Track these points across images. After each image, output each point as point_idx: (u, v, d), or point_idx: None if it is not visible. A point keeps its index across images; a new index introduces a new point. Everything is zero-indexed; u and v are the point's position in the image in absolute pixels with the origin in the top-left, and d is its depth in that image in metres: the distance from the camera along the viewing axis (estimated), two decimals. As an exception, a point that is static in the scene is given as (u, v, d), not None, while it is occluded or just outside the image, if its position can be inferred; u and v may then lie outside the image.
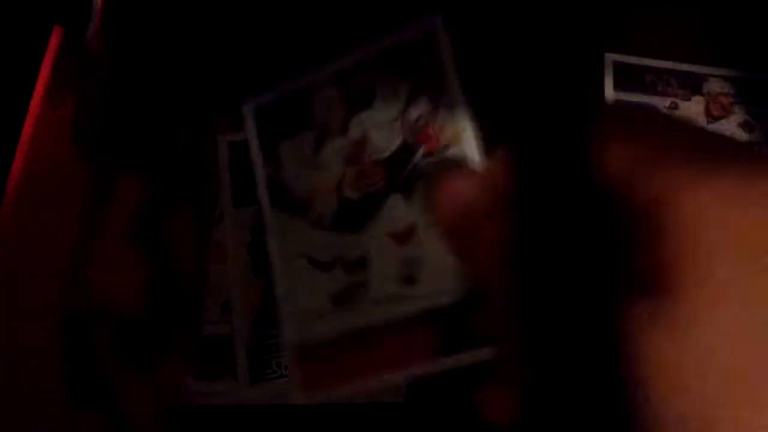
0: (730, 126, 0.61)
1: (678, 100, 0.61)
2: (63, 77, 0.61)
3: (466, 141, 0.50)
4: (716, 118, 0.61)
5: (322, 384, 0.52)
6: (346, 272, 0.52)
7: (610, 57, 0.62)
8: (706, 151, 0.21)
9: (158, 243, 0.57)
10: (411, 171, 0.52)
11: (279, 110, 0.56)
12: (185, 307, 0.56)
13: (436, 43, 0.52)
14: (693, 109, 0.61)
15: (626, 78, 0.62)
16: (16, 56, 0.63)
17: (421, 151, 0.52)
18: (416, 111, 0.52)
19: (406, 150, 0.52)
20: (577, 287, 0.22)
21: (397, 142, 0.52)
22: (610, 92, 0.61)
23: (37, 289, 0.56)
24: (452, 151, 0.51)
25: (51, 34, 0.62)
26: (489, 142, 0.50)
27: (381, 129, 0.53)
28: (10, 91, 0.61)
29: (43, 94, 0.59)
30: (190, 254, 0.57)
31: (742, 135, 0.60)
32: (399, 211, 0.52)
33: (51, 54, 0.60)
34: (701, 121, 0.61)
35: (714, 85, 0.62)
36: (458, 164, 0.51)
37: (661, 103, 0.61)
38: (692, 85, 0.62)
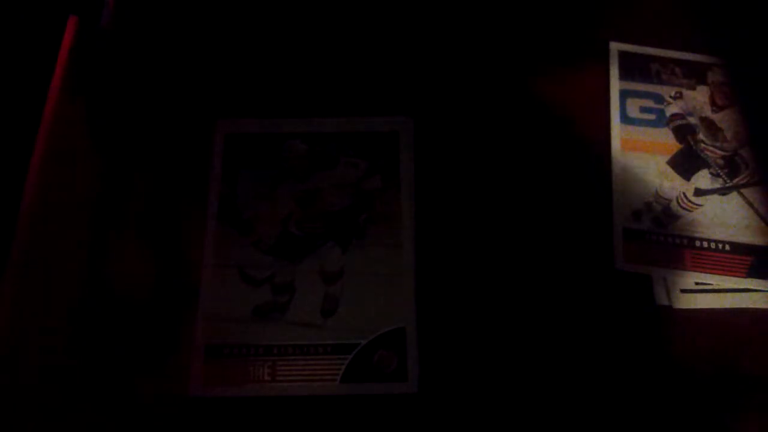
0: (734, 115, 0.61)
1: (683, 89, 0.63)
2: (79, 69, 0.64)
3: (405, 220, 0.62)
4: (721, 108, 0.63)
5: (220, 383, 0.56)
6: (272, 292, 0.59)
7: (616, 46, 0.63)
8: None
9: (168, 237, 0.60)
10: (352, 228, 0.61)
11: (247, 144, 0.64)
12: (191, 299, 0.59)
13: (401, 141, 0.64)
14: (698, 98, 0.63)
15: (632, 67, 0.63)
16: (33, 45, 0.65)
17: (364, 216, 0.62)
18: (369, 185, 0.63)
19: (353, 211, 0.62)
20: None
21: (347, 203, 0.62)
22: (615, 81, 0.62)
23: (52, 277, 0.58)
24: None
25: (66, 23, 0.65)
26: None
27: (337, 189, 0.62)
28: (29, 81, 0.63)
29: (60, 85, 0.61)
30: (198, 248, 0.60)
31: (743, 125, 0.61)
32: (333, 255, 0.60)
33: (67, 42, 0.64)
34: (706, 110, 0.62)
35: (718, 75, 0.63)
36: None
37: (666, 92, 0.63)
38: (697, 75, 0.63)
